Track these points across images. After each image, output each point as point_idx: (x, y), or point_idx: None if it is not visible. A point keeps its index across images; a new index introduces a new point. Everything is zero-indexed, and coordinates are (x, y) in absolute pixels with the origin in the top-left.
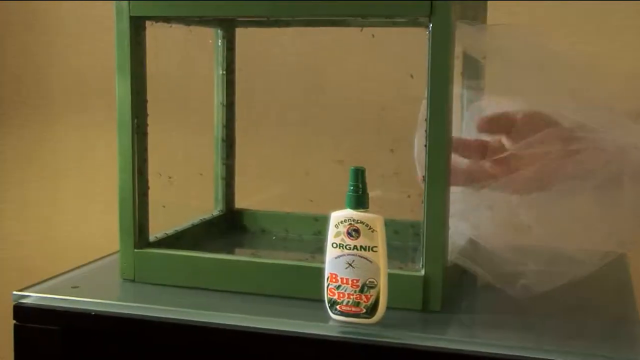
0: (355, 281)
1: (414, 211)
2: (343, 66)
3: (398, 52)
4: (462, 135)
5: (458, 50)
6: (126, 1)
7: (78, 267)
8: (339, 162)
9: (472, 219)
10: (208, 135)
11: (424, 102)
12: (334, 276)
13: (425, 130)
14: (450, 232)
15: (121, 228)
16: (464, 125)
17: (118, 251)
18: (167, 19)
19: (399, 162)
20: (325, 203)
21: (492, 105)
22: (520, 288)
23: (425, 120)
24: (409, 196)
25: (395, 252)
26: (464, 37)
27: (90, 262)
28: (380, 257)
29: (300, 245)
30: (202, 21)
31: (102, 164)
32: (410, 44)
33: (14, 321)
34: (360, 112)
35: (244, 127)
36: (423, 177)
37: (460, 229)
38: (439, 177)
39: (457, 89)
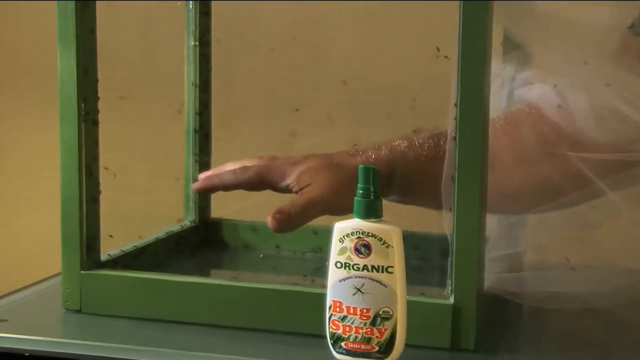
0: (365, 311)
1: (441, 221)
2: (347, 39)
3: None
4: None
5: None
6: None
7: (7, 294)
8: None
9: (515, 230)
10: (177, 125)
11: (454, 85)
12: (338, 305)
13: (455, 118)
14: (487, 248)
15: (64, 244)
16: (502, 106)
17: (59, 273)
18: None
19: None
20: None
21: (539, 77)
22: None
23: (455, 105)
24: None
25: (416, 274)
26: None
27: (23, 288)
28: (398, 281)
29: (295, 266)
30: None
31: (40, 161)
32: (433, 6)
33: None
34: (368, 97)
35: (223, 114)
36: (452, 177)
37: (500, 244)
38: (472, 177)
39: (496, 65)
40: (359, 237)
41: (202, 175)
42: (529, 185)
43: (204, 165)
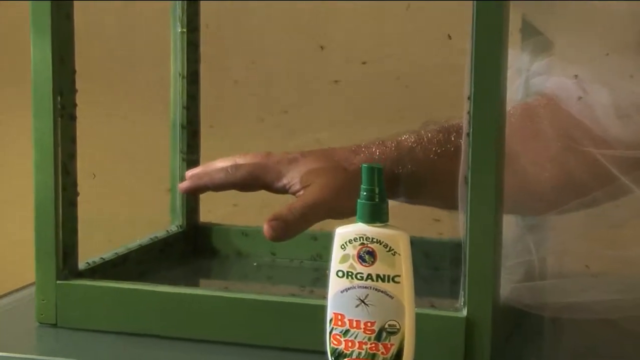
0: (369, 324)
1: (453, 226)
2: (351, 24)
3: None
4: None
5: None
6: None
7: None
8: None
9: (533, 235)
10: (162, 120)
11: (467, 75)
12: (339, 318)
13: (468, 113)
14: (503, 254)
15: (38, 251)
16: (519, 97)
17: (33, 283)
18: None
19: None
20: None
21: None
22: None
23: (468, 98)
24: None
25: (425, 284)
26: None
27: None
28: (405, 291)
29: (292, 275)
30: None
31: (11, 160)
32: None
33: None
34: (373, 87)
35: (213, 108)
36: (465, 177)
37: (518, 250)
38: (486, 175)
39: (513, 53)
40: (362, 244)
41: (190, 174)
42: (549, 182)
43: (191, 164)
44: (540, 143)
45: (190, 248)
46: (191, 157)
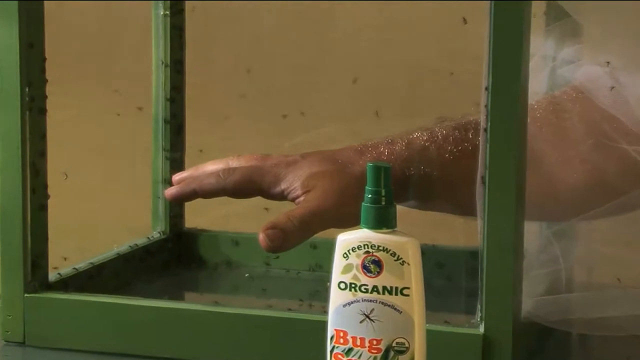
0: (375, 342)
1: (470, 233)
2: (355, 6)
3: None
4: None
5: None
6: None
7: None
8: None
9: (559, 243)
10: (142, 114)
11: (485, 64)
12: (342, 335)
13: (486, 106)
14: (525, 265)
15: (3, 260)
16: (543, 89)
17: None
18: None
19: None
20: None
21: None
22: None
23: (486, 89)
24: None
25: (438, 298)
26: None
27: None
28: (415, 305)
29: (289, 287)
30: None
31: None
32: None
33: None
34: (380, 79)
35: (199, 101)
36: (482, 178)
37: (542, 259)
38: (506, 176)
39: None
40: (367, 252)
41: (177, 178)
42: (578, 184)
43: (176, 163)
44: (567, 140)
45: (175, 257)
46: (175, 155)
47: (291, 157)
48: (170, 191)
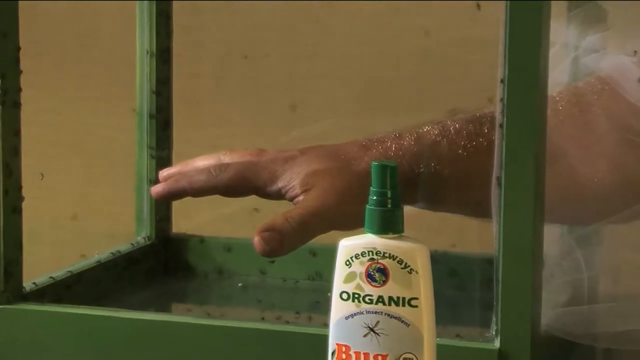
0: (380, 358)
1: (484, 238)
2: None
3: None
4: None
5: None
6: None
7: None
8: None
9: (582, 249)
10: (125, 108)
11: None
12: (344, 350)
13: (501, 100)
14: (545, 273)
15: None
16: (565, 80)
17: None
18: None
19: None
20: None
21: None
22: None
23: (501, 81)
24: None
25: (450, 309)
26: None
27: None
28: (424, 317)
29: (287, 298)
30: None
31: None
32: None
33: None
34: (386, 68)
35: (188, 93)
36: (498, 179)
37: (563, 267)
38: (524, 178)
39: (558, 25)
40: (372, 259)
41: (164, 174)
42: (603, 184)
43: (162, 162)
44: (591, 135)
45: (161, 265)
46: (161, 153)
47: (289, 153)
48: (156, 189)
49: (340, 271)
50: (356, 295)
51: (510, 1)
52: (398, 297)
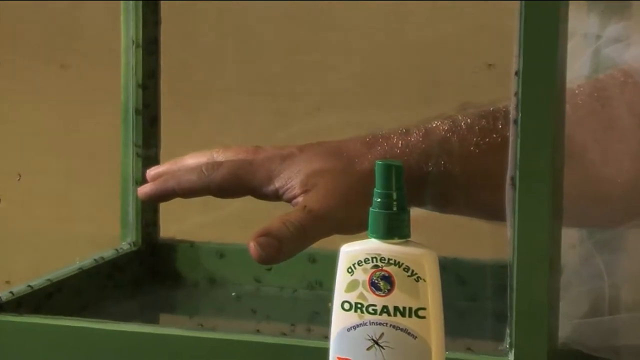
0: None
1: (497, 243)
2: None
3: None
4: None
5: None
6: None
7: None
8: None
9: (604, 255)
10: (109, 103)
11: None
12: None
13: (516, 94)
14: (563, 281)
15: None
16: (586, 73)
17: None
18: None
19: None
20: None
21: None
22: None
23: (515, 73)
24: None
25: (460, 320)
26: None
27: None
28: (432, 329)
29: (284, 308)
30: None
31: None
32: None
33: None
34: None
35: (177, 87)
36: (512, 179)
37: (583, 275)
38: (540, 177)
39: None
40: (376, 266)
41: (152, 173)
42: (626, 184)
43: (149, 161)
44: (614, 132)
45: (148, 273)
46: (148, 151)
47: (287, 150)
48: (143, 189)
49: (341, 279)
50: (359, 305)
51: None
52: (404, 307)
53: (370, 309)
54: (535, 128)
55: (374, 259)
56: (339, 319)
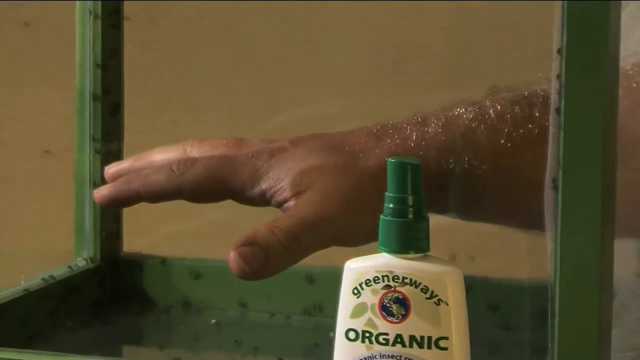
0: None
1: (536, 259)
2: None
3: None
4: None
5: None
6: None
7: None
8: None
9: None
10: (61, 87)
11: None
12: None
13: (558, 76)
14: (616, 306)
15: None
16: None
17: None
18: None
19: None
20: None
21: None
22: None
23: (558, 52)
24: None
25: (491, 353)
26: None
27: None
28: None
29: (275, 338)
30: None
31: None
32: None
33: None
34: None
35: (145, 69)
36: (553, 180)
37: None
38: (588, 179)
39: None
40: (388, 287)
41: (112, 171)
42: None
43: (110, 157)
44: None
45: (109, 295)
46: (109, 146)
47: (277, 144)
48: (100, 192)
49: (346, 303)
50: (367, 334)
51: None
52: (422, 337)
53: (380, 339)
54: (581, 117)
55: (386, 278)
56: (343, 352)
